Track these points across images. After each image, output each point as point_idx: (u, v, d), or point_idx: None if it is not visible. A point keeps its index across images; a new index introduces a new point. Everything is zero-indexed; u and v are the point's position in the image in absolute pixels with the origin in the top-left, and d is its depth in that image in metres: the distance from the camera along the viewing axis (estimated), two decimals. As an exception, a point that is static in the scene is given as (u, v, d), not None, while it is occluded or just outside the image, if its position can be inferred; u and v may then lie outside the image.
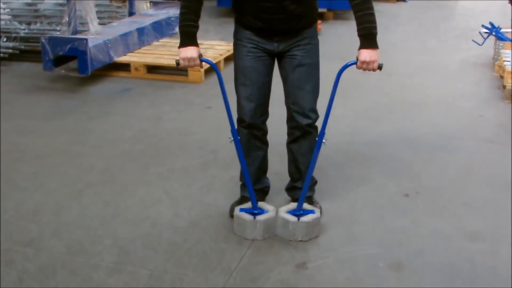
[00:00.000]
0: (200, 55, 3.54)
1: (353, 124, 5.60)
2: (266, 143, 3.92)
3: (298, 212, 3.74)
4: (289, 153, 3.97)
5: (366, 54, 3.43)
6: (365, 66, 3.46)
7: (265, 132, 3.87)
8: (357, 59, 3.46)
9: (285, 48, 3.64)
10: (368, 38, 3.45)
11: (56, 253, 3.54)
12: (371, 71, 3.49)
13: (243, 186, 4.00)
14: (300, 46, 3.64)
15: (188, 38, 3.53)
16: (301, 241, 3.69)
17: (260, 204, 3.84)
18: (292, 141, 3.90)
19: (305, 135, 3.83)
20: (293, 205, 3.82)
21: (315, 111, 3.79)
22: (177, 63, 3.58)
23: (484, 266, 3.47)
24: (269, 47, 3.64)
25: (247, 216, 3.72)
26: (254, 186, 3.92)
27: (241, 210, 3.78)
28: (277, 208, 3.81)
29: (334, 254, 3.56)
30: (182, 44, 3.54)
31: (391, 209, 4.08)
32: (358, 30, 3.46)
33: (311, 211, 3.78)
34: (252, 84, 3.68)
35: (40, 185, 4.37)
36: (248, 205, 3.83)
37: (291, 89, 3.72)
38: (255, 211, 3.76)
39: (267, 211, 3.78)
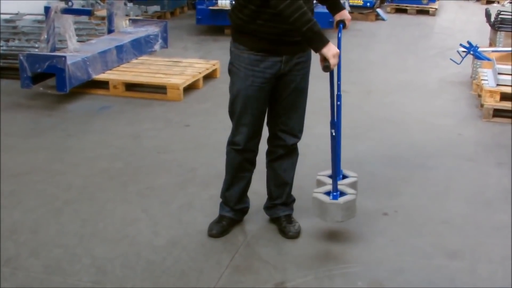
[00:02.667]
0: None
1: (333, 142, 5.59)
2: (254, 165, 3.91)
3: (339, 190, 3.76)
4: (270, 171, 3.96)
5: (347, 13, 3.91)
6: (349, 23, 3.89)
7: (256, 154, 3.86)
8: (338, 20, 3.87)
9: (289, 68, 3.59)
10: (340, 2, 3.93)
11: (33, 272, 3.50)
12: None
13: (223, 205, 3.98)
14: (301, 69, 3.65)
15: (324, 35, 3.40)
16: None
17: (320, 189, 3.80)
18: (274, 159, 3.90)
19: (289, 153, 3.85)
20: (320, 189, 3.79)
21: (302, 131, 3.84)
22: (327, 66, 3.36)
23: (464, 284, 3.48)
24: (275, 70, 3.55)
25: (352, 197, 3.72)
26: (236, 206, 3.92)
27: (334, 197, 3.70)
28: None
29: (313, 273, 3.55)
30: (325, 42, 3.37)
31: (371, 227, 4.08)
32: None
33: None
34: (251, 113, 3.66)
35: (18, 203, 4.32)
36: (323, 191, 3.77)
37: (282, 110, 3.72)
38: (335, 193, 3.73)
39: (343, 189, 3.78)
